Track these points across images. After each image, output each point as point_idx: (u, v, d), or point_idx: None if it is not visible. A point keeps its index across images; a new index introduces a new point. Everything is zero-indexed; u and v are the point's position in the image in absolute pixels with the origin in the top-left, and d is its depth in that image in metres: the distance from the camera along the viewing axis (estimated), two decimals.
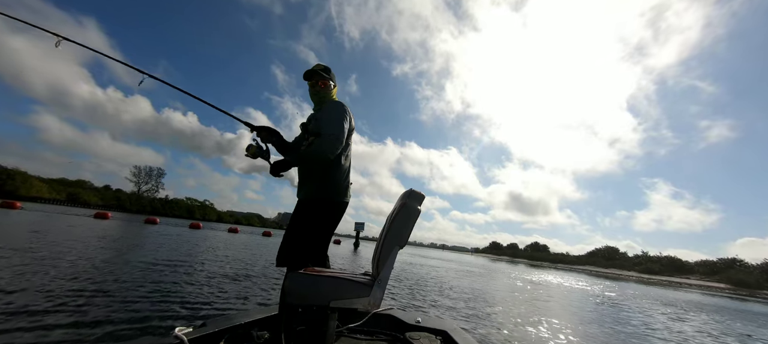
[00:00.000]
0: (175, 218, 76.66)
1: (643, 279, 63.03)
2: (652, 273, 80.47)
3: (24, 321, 3.05)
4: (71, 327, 3.08)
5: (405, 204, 1.55)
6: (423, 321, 2.26)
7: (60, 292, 4.10)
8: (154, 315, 3.71)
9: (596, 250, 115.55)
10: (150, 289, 4.87)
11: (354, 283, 1.47)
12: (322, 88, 2.18)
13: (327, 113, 2.05)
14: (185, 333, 1.61)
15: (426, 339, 2.03)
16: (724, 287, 59.90)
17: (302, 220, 2.06)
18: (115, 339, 2.97)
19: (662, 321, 8.72)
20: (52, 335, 2.86)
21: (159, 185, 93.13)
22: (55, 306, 3.58)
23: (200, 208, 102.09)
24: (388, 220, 1.68)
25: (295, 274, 1.52)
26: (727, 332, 8.40)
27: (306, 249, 2.06)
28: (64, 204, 68.01)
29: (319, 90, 2.18)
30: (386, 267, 1.49)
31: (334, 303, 1.45)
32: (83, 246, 8.73)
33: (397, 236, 1.51)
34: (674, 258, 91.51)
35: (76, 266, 5.87)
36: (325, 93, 2.19)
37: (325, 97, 2.19)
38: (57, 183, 75.38)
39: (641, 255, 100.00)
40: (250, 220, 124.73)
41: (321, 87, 2.18)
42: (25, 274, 4.77)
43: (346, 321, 2.16)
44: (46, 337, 2.81)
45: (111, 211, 36.08)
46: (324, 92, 2.18)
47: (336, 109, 2.04)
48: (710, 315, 11.93)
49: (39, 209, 32.34)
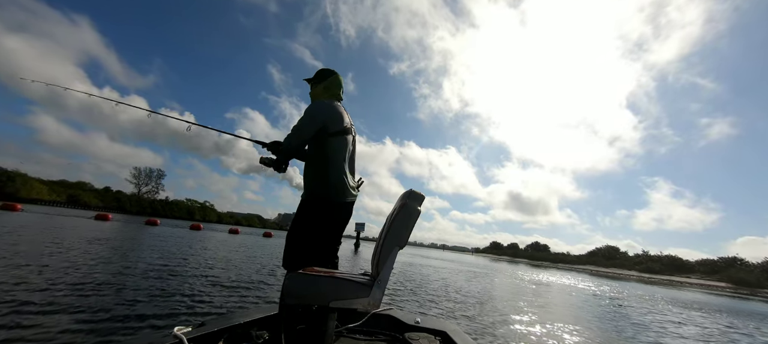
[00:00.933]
0: (175, 219, 76.71)
1: (643, 278, 62.98)
2: (653, 273, 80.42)
3: (25, 320, 3.05)
4: (70, 327, 3.08)
5: (405, 204, 1.54)
6: (422, 321, 2.25)
7: (59, 292, 4.10)
8: (153, 315, 3.72)
9: (597, 250, 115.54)
10: (150, 289, 4.87)
11: (354, 283, 1.47)
12: (311, 91, 2.40)
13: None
14: (184, 332, 1.59)
15: (425, 339, 2.02)
16: (725, 286, 59.87)
17: (299, 220, 2.11)
18: (114, 338, 2.97)
19: (678, 324, 8.69)
20: (52, 335, 2.86)
21: (159, 186, 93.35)
22: (54, 306, 3.58)
23: (200, 209, 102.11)
24: (388, 220, 1.67)
25: (295, 274, 1.51)
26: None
27: (305, 250, 2.07)
28: (65, 206, 68.05)
29: (310, 94, 2.40)
30: (386, 267, 1.49)
31: (334, 303, 1.45)
32: (84, 247, 8.73)
33: (397, 236, 1.51)
34: (675, 258, 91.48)
35: (76, 267, 5.87)
36: (312, 96, 2.39)
37: (311, 99, 2.38)
38: (57, 185, 75.38)
39: (642, 254, 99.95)
40: (250, 221, 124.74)
41: (311, 91, 2.41)
42: (25, 275, 4.77)
43: (346, 322, 2.15)
44: (45, 337, 2.81)
45: (111, 213, 36.06)
46: (312, 96, 2.38)
47: (307, 108, 2.20)
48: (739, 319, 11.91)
49: (39, 211, 32.34)
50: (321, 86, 2.34)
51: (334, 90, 2.34)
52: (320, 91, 2.34)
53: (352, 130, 2.30)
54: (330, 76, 2.36)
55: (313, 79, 2.38)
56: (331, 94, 2.33)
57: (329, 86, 2.34)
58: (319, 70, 2.39)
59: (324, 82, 2.34)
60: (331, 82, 2.34)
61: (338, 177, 2.10)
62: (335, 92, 2.34)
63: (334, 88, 2.34)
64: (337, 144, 2.14)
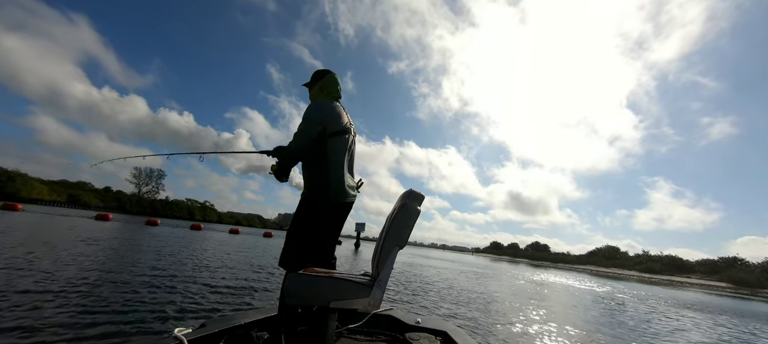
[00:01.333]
0: (175, 219, 76.72)
1: (644, 278, 62.96)
2: (653, 273, 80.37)
3: (27, 321, 3.05)
4: (71, 326, 3.09)
5: (405, 204, 1.54)
6: (423, 321, 2.24)
7: (59, 292, 4.10)
8: (153, 316, 3.71)
9: (597, 250, 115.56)
10: (150, 290, 4.87)
11: (354, 284, 1.47)
12: (309, 95, 2.40)
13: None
14: (184, 333, 1.59)
15: (426, 339, 2.02)
16: (725, 286, 59.83)
17: (298, 220, 2.11)
18: (114, 339, 2.97)
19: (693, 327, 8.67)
20: (52, 334, 2.86)
21: (159, 186, 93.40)
22: (54, 306, 3.58)
23: (201, 209, 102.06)
24: (388, 220, 1.67)
25: (295, 275, 1.51)
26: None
27: (304, 250, 2.07)
28: (65, 206, 68.10)
29: (309, 98, 2.40)
30: (386, 267, 1.49)
31: (334, 304, 1.45)
32: (82, 248, 8.73)
33: (396, 236, 1.51)
34: (675, 258, 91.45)
35: (78, 267, 5.87)
36: (311, 99, 2.38)
37: (310, 102, 2.38)
38: (57, 185, 75.45)
39: (642, 254, 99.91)
40: (250, 221, 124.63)
41: (309, 94, 2.41)
42: (26, 275, 4.77)
43: (346, 322, 2.15)
44: (45, 335, 2.81)
45: (112, 213, 36.12)
46: (311, 99, 2.38)
47: (305, 110, 2.20)
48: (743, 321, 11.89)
49: (40, 211, 32.36)
50: (317, 87, 2.34)
51: (330, 89, 2.33)
52: (317, 92, 2.33)
53: (352, 129, 2.28)
54: (325, 76, 2.35)
55: (310, 82, 2.38)
56: (328, 93, 2.31)
57: (325, 86, 2.33)
58: (315, 72, 2.38)
59: (319, 83, 2.34)
60: (326, 82, 2.33)
61: (337, 177, 2.09)
62: (332, 91, 2.33)
63: (330, 87, 2.33)
64: (336, 144, 2.13)
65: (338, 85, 2.36)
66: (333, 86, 2.33)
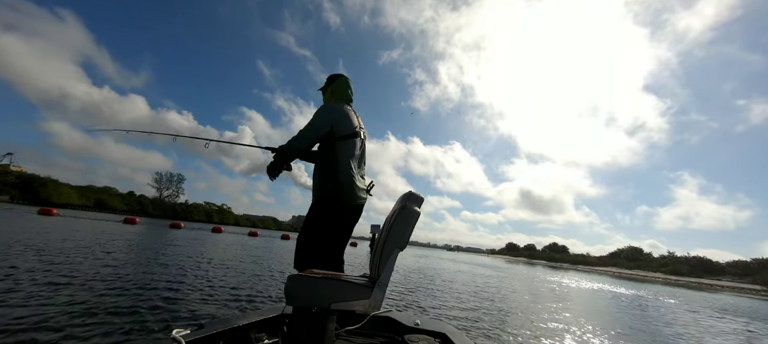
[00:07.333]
0: (196, 222, 79.05)
1: (670, 281, 60.26)
2: (680, 275, 76.86)
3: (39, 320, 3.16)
4: (70, 327, 3.11)
5: (404, 206, 1.55)
6: (422, 323, 2.22)
7: (63, 293, 4.19)
8: (155, 318, 3.68)
9: (619, 251, 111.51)
10: (168, 290, 4.99)
11: (354, 285, 1.48)
12: (323, 98, 2.48)
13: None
14: (182, 335, 1.59)
15: (424, 341, 2.00)
16: (760, 288, 56.54)
17: (309, 222, 2.15)
18: (112, 339, 2.97)
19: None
20: (51, 334, 2.90)
21: (179, 190, 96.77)
22: (56, 306, 3.64)
23: (218, 212, 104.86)
24: (388, 222, 1.68)
25: (295, 276, 1.53)
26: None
27: (316, 251, 2.11)
28: (93, 210, 71.39)
29: (323, 101, 2.47)
30: (387, 269, 1.49)
31: (334, 306, 1.46)
32: (118, 248, 9.07)
33: (397, 238, 1.51)
34: (704, 259, 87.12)
35: (97, 269, 6.09)
36: (324, 102, 2.45)
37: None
38: (85, 190, 79.28)
39: (668, 255, 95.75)
40: (265, 224, 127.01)
41: (323, 98, 2.49)
42: (45, 276, 4.97)
43: (345, 324, 2.15)
44: (45, 335, 2.85)
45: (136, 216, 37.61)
46: (324, 102, 2.45)
47: (315, 112, 2.26)
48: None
49: (73, 215, 33.97)
50: (328, 91, 2.42)
51: (341, 92, 2.40)
52: (328, 97, 2.42)
53: (361, 132, 2.33)
54: (336, 80, 2.42)
55: (324, 86, 2.47)
56: (339, 97, 2.39)
57: (336, 90, 2.40)
58: (329, 76, 2.48)
59: (331, 87, 2.42)
60: (338, 86, 2.41)
61: (347, 179, 2.14)
62: (343, 94, 2.40)
63: (340, 90, 2.40)
64: (345, 147, 2.18)
65: (349, 89, 2.42)
66: (343, 90, 2.40)
